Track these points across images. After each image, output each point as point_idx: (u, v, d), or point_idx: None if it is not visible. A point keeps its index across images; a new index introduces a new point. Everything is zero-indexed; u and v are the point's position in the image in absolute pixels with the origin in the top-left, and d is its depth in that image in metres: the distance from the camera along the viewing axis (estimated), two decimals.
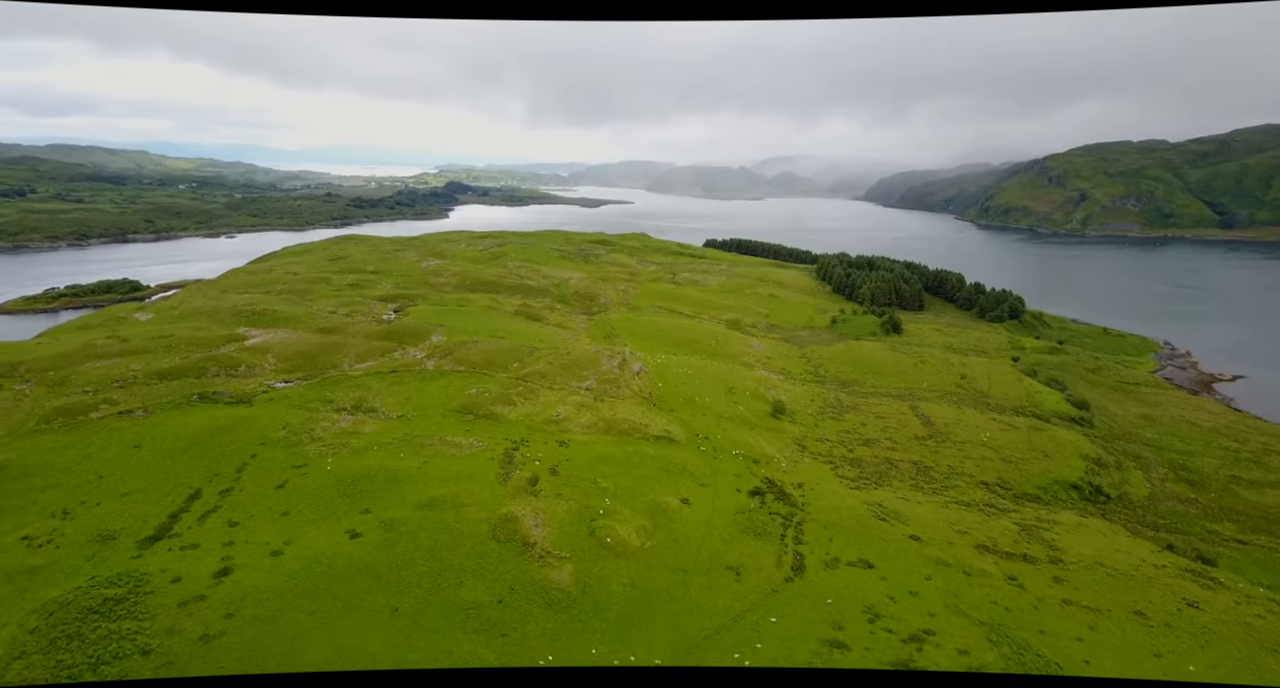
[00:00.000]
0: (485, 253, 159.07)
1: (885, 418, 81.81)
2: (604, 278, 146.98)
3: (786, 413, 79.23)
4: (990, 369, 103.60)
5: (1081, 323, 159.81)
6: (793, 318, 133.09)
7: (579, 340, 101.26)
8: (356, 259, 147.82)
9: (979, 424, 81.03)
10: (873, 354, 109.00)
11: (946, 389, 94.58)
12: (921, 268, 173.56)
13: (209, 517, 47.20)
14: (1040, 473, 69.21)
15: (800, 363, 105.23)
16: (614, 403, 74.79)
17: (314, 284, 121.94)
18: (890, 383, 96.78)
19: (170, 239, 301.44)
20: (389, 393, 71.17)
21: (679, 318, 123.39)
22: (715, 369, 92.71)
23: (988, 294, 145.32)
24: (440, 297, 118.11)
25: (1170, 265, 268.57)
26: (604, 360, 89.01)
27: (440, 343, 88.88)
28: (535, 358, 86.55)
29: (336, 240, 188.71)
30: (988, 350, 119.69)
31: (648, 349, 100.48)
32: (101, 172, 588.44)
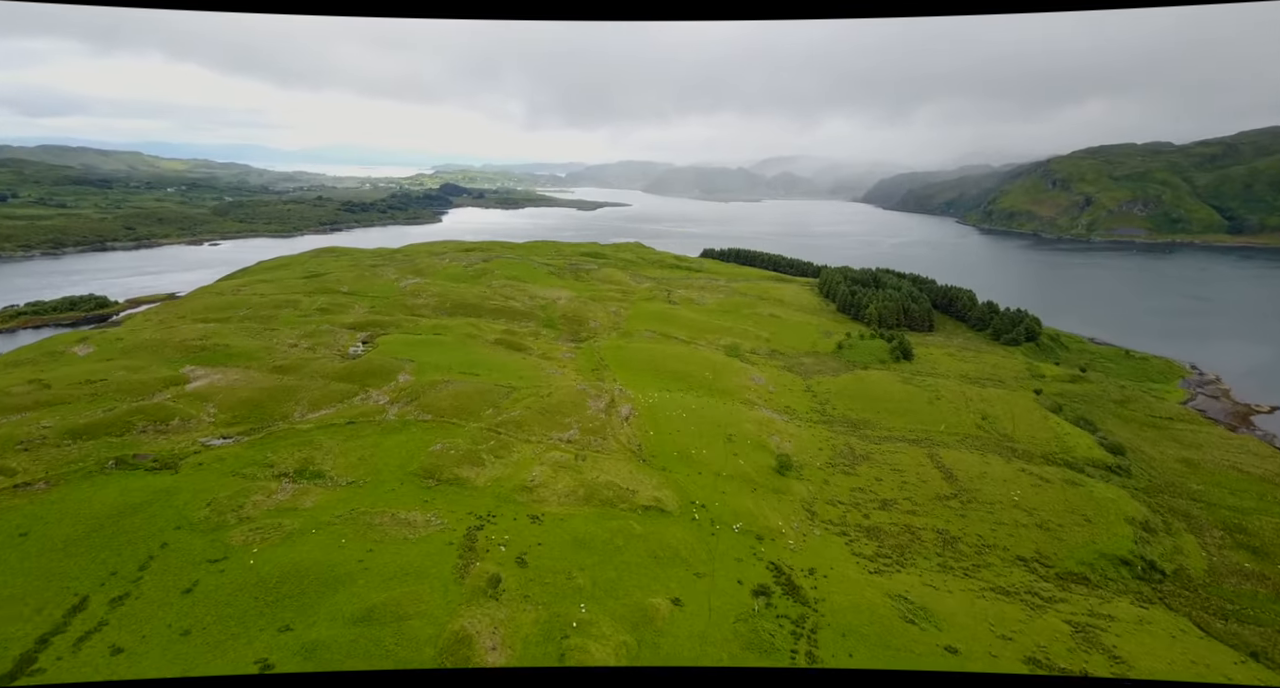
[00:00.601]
0: (469, 269, 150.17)
1: (902, 471, 73.15)
2: (595, 297, 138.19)
3: (793, 468, 70.51)
4: (1012, 405, 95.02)
5: (1099, 342, 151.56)
6: (795, 342, 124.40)
7: (564, 375, 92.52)
8: (332, 277, 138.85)
9: (1007, 477, 72.43)
10: (884, 387, 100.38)
11: (967, 432, 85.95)
12: (930, 284, 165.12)
13: (88, 640, 38.38)
14: (1084, 544, 60.60)
15: (805, 399, 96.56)
16: (598, 460, 66.05)
17: (281, 308, 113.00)
18: (905, 424, 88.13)
19: (151, 247, 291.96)
20: (341, 451, 62.34)
21: (674, 344, 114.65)
22: (713, 410, 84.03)
23: (1002, 315, 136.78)
24: (416, 323, 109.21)
25: (1183, 275, 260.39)
26: (589, 402, 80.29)
27: (408, 384, 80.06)
28: (512, 401, 77.79)
29: (316, 254, 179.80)
30: (1006, 380, 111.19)
31: (639, 384, 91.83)
32: (90, 174, 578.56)
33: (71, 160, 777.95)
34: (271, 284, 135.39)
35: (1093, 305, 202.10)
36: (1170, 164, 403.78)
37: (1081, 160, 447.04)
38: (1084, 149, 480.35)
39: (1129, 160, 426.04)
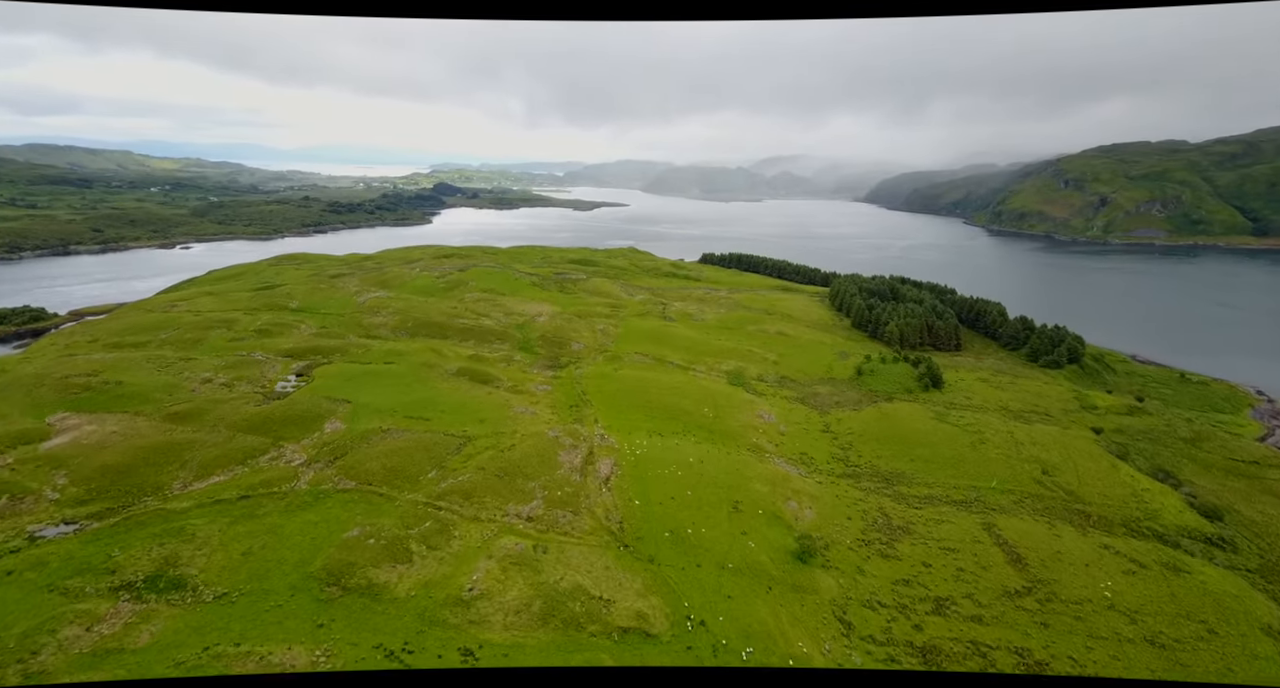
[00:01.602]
0: (441, 281, 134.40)
1: (955, 549, 57.64)
2: (580, 313, 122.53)
3: (818, 552, 54.95)
4: (1071, 450, 79.50)
5: (1142, 360, 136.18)
6: (808, 366, 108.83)
7: (535, 415, 76.95)
8: (285, 290, 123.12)
9: (1088, 559, 56.99)
10: (915, 426, 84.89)
11: (1024, 488, 70.41)
12: (952, 296, 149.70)
13: None
14: (1217, 671, 45.08)
15: (824, 442, 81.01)
16: (564, 549, 50.48)
17: (212, 329, 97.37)
18: (947, 477, 72.62)
19: (118, 251, 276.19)
20: (221, 542, 46.77)
21: (668, 371, 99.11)
22: (715, 462, 68.50)
23: (1040, 333, 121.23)
24: (368, 348, 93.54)
25: (1213, 280, 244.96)
26: (562, 456, 64.77)
27: (336, 435, 64.45)
28: (464, 458, 62.24)
29: (277, 261, 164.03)
30: (1054, 413, 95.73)
31: (625, 426, 76.36)
32: (73, 173, 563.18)
33: (58, 159, 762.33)
34: (215, 298, 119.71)
35: (1123, 315, 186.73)
36: (1189, 163, 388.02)
37: (1094, 159, 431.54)
38: (1095, 148, 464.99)
39: (1145, 159, 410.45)
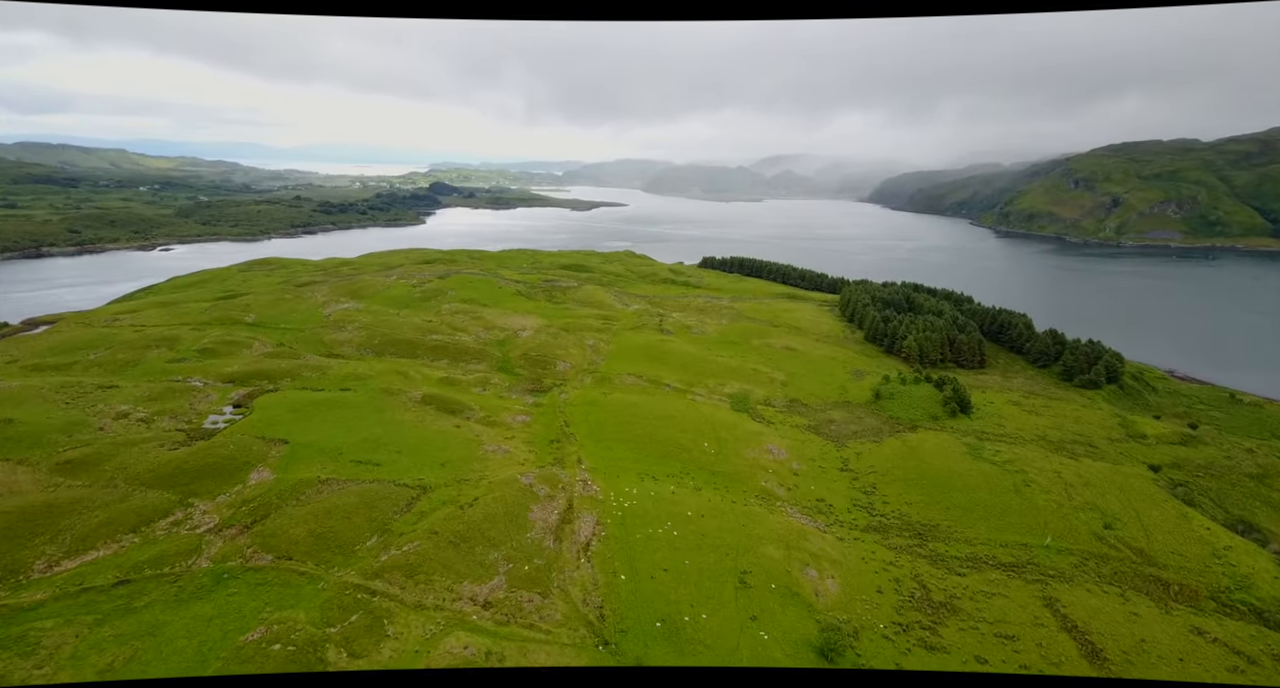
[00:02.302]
0: (417, 290, 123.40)
1: (1014, 638, 46.74)
2: (569, 326, 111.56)
3: (845, 648, 44.00)
4: (1129, 493, 68.61)
5: (1181, 377, 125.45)
6: (820, 387, 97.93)
7: (508, 455, 66.07)
8: (245, 301, 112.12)
9: (1181, 650, 46.15)
10: (946, 462, 74.00)
11: (1084, 545, 59.52)
12: (971, 305, 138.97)
13: None
14: None
15: (844, 483, 70.14)
16: (527, 651, 39.62)
17: (151, 348, 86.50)
18: (991, 530, 61.76)
19: (95, 253, 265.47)
20: (75, 654, 35.95)
21: (664, 395, 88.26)
22: (717, 516, 57.65)
23: (1074, 349, 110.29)
24: (323, 371, 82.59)
25: (1240, 285, 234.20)
26: (534, 512, 53.95)
27: (261, 488, 53.56)
28: (415, 516, 51.38)
29: (248, 266, 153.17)
30: (1098, 443, 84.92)
31: (613, 467, 65.54)
32: (61, 172, 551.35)
33: (51, 158, 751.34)
34: (167, 309, 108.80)
35: (1150, 324, 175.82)
36: (1203, 162, 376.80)
37: (1105, 158, 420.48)
38: (1105, 147, 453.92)
39: (1157, 158, 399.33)
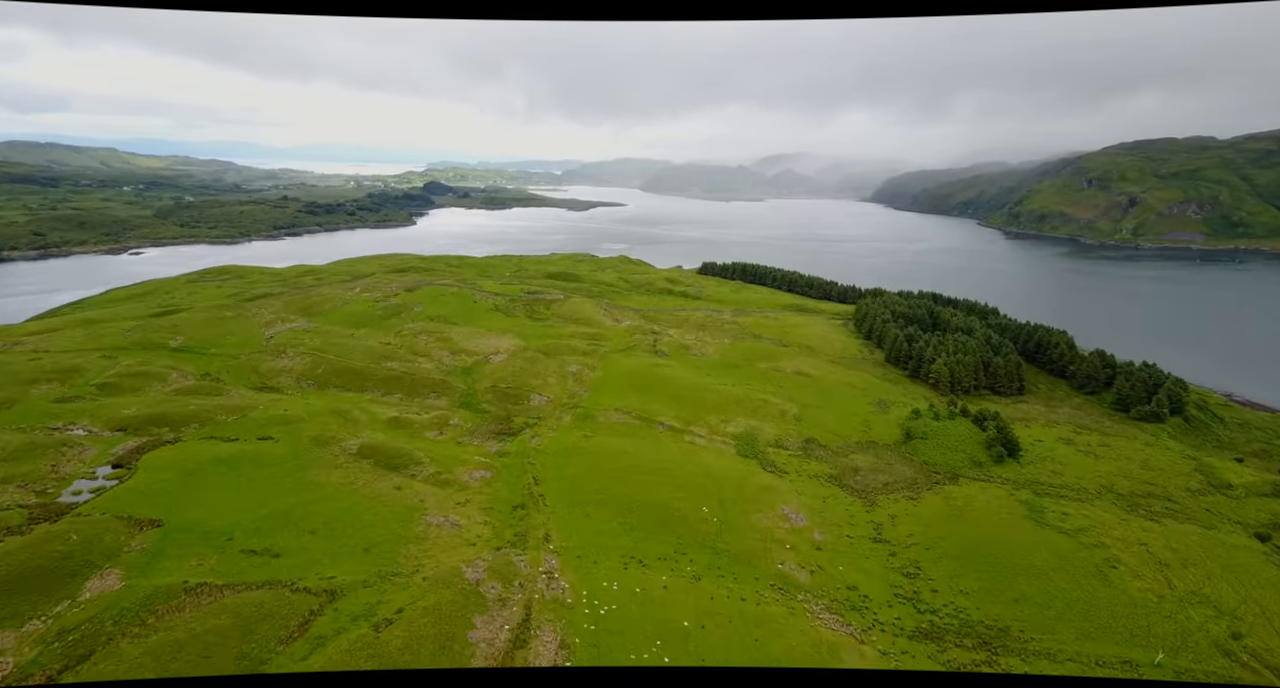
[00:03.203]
0: (380, 305, 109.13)
1: None
2: (549, 348, 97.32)
3: None
4: (1240, 575, 54.56)
5: (1242, 401, 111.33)
6: (840, 423, 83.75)
7: (457, 531, 51.93)
8: (176, 320, 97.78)
9: None
10: (1003, 531, 59.92)
11: (1209, 665, 45.30)
12: (1002, 320, 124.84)
13: None
14: None
15: (879, 562, 55.97)
16: None
17: (40, 382, 72.34)
18: (1076, 636, 47.60)
19: (60, 257, 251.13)
20: None
21: (657, 438, 74.04)
22: (722, 627, 43.56)
23: (1128, 374, 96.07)
24: (244, 412, 68.33)
25: (1268, 290, 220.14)
26: (475, 632, 39.89)
27: (96, 603, 39.41)
28: (304, 648, 37.22)
29: (200, 276, 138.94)
30: (1177, 496, 70.81)
31: (590, 548, 51.46)
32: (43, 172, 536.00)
33: (39, 157, 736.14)
34: (86, 329, 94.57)
35: (1184, 333, 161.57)
36: (1223, 161, 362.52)
37: (1119, 157, 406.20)
38: (1118, 144, 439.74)
39: (1173, 157, 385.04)
